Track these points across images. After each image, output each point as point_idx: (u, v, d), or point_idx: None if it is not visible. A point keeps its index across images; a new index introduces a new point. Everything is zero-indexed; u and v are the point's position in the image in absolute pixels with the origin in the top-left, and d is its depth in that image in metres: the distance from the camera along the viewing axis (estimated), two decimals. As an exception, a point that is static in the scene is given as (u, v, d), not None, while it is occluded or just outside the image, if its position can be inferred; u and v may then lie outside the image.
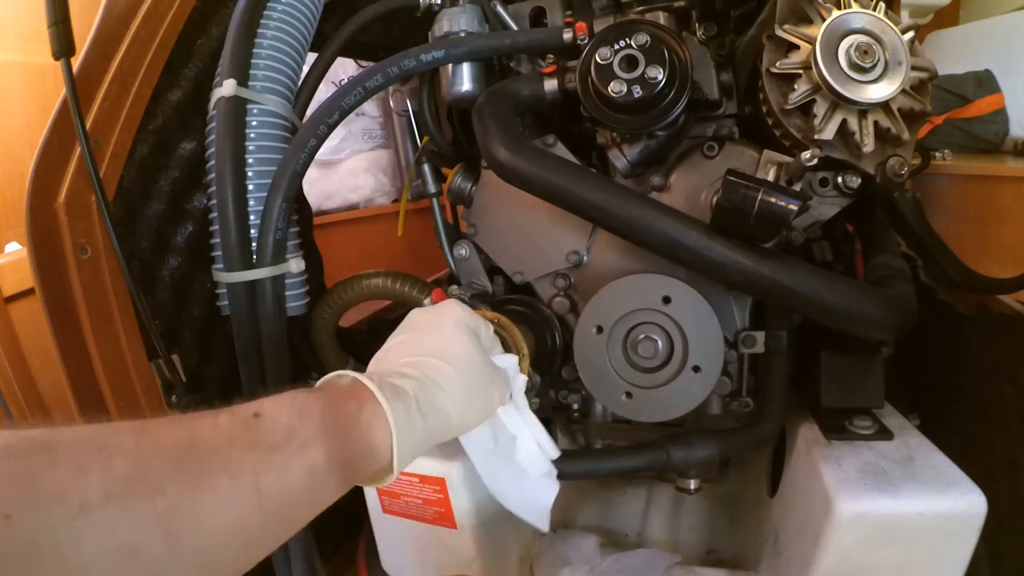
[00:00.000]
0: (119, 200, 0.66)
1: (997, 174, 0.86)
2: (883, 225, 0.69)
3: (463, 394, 0.43)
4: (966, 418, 0.73)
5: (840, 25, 0.52)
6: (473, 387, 0.45)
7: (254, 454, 0.30)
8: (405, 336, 0.47)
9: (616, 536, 0.86)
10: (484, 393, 0.47)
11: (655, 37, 0.57)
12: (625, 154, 0.64)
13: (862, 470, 0.54)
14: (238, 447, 0.30)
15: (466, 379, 0.43)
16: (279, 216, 0.66)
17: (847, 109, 0.53)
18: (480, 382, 0.46)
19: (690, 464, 0.66)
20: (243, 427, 0.31)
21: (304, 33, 0.74)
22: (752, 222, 0.50)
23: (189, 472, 0.28)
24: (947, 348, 0.78)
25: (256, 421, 0.32)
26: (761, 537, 0.71)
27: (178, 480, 0.27)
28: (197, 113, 0.72)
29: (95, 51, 0.65)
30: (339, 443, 0.34)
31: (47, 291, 0.61)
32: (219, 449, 0.29)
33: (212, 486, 0.28)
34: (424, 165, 0.85)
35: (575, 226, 0.68)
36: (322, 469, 0.33)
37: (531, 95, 0.66)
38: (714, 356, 0.60)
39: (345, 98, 0.68)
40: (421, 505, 0.69)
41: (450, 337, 0.45)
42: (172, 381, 0.68)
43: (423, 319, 0.49)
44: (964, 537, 0.51)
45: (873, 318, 0.52)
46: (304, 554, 0.72)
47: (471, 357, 0.45)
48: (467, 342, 0.46)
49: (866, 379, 0.63)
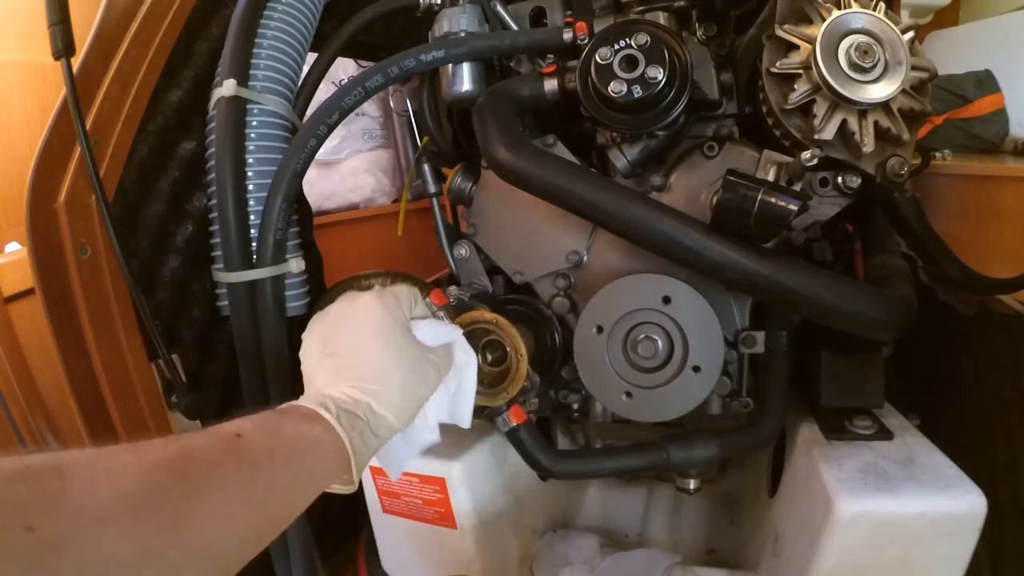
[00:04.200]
0: (119, 200, 0.66)
1: (997, 174, 0.86)
2: (883, 225, 0.69)
3: (403, 401, 0.46)
4: (966, 418, 0.73)
5: (840, 25, 0.52)
6: (410, 389, 0.47)
7: (242, 471, 0.34)
8: (332, 358, 0.47)
9: (616, 536, 0.86)
10: (420, 388, 0.49)
11: (655, 37, 0.57)
12: (625, 154, 0.64)
13: (862, 470, 0.54)
14: (228, 464, 0.34)
15: (402, 387, 0.46)
16: (279, 216, 0.66)
17: (847, 109, 0.53)
18: (415, 380, 0.48)
19: (690, 464, 0.66)
20: (228, 447, 0.35)
21: (304, 33, 0.74)
22: (752, 222, 0.50)
23: (190, 483, 0.31)
24: (947, 348, 0.78)
25: (239, 441, 0.36)
26: (761, 537, 0.71)
27: (182, 491, 0.31)
28: (197, 113, 0.72)
29: (95, 51, 0.65)
30: (310, 461, 0.39)
31: (47, 291, 0.61)
32: (212, 465, 0.33)
33: (211, 497, 0.32)
34: (424, 165, 0.85)
35: (575, 226, 0.68)
36: (302, 481, 0.39)
37: (531, 95, 0.66)
38: (714, 356, 0.60)
39: (345, 98, 0.68)
40: (421, 505, 0.69)
41: (377, 350, 0.47)
42: (172, 381, 0.68)
43: (342, 333, 0.48)
44: (964, 537, 0.51)
45: (873, 318, 0.52)
46: (304, 554, 0.71)
47: (402, 362, 0.47)
48: (393, 348, 0.47)
49: (866, 379, 0.63)
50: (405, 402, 0.46)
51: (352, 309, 0.49)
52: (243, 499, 0.34)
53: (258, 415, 0.39)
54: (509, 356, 0.61)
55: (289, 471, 0.37)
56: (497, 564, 0.70)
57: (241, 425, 0.37)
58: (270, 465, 0.36)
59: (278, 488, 0.36)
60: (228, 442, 0.35)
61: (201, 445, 0.34)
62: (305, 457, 0.39)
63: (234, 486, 0.33)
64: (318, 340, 0.49)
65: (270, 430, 0.38)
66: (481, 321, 0.60)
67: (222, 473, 0.33)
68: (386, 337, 0.47)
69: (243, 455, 0.35)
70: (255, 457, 0.35)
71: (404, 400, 0.46)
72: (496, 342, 0.62)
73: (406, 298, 0.52)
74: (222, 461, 0.34)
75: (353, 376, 0.45)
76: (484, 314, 0.59)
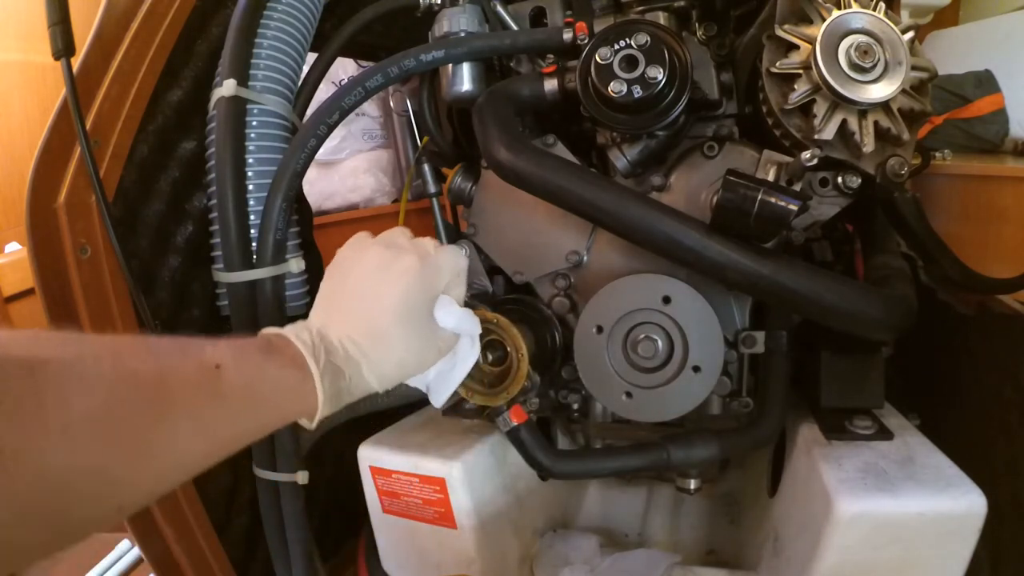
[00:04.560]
0: (119, 200, 0.66)
1: (997, 174, 0.86)
2: (883, 225, 0.69)
3: (393, 373, 0.46)
4: (966, 418, 0.73)
5: (840, 25, 0.52)
6: (405, 365, 0.47)
7: (213, 406, 0.35)
8: (351, 299, 0.46)
9: (616, 536, 0.86)
10: (414, 367, 0.48)
11: (655, 37, 0.57)
12: (625, 154, 0.64)
13: (862, 470, 0.54)
14: (200, 397, 0.34)
15: (399, 362, 0.46)
16: (279, 216, 0.66)
17: (847, 109, 0.53)
18: (414, 359, 0.47)
19: (690, 464, 0.66)
20: (205, 379, 0.35)
21: (304, 33, 0.74)
22: (752, 222, 0.50)
23: (157, 410, 0.32)
24: (947, 348, 0.78)
25: (217, 375, 0.35)
26: (761, 537, 0.71)
27: (147, 414, 0.31)
28: (197, 113, 0.72)
29: (95, 51, 0.65)
30: (283, 407, 0.40)
31: (47, 291, 0.61)
32: (184, 396, 0.33)
33: (175, 426, 0.32)
34: (424, 165, 0.85)
35: (575, 226, 0.68)
36: (267, 423, 0.39)
37: (531, 95, 0.66)
38: (714, 356, 0.60)
39: (345, 98, 0.68)
40: (421, 505, 0.69)
41: (395, 320, 0.45)
42: (172, 381, 0.68)
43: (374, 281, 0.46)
44: (964, 537, 0.51)
45: (873, 318, 0.52)
46: (304, 554, 0.72)
47: (412, 340, 0.46)
48: (411, 325, 0.46)
49: (866, 379, 0.63)
50: (394, 374, 0.46)
51: (394, 264, 0.47)
52: (205, 432, 0.34)
53: (245, 345, 0.39)
54: (510, 356, 0.62)
55: (259, 414, 0.38)
56: (497, 564, 0.70)
57: (224, 355, 0.36)
58: (241, 407, 0.37)
59: (242, 426, 0.37)
60: (206, 374, 0.35)
61: (177, 370, 0.33)
62: (279, 403, 0.40)
63: (200, 420, 0.34)
64: (353, 267, 0.48)
65: (252, 371, 0.38)
66: (482, 320, 0.60)
67: (192, 406, 0.33)
68: (408, 311, 0.46)
69: (217, 391, 0.35)
70: (229, 396, 0.36)
71: (394, 372, 0.46)
72: (497, 342, 0.62)
73: (448, 272, 0.50)
74: (195, 394, 0.34)
75: (361, 330, 0.44)
76: (485, 314, 0.59)
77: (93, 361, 0.30)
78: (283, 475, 0.69)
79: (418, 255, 0.48)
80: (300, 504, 0.71)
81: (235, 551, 0.77)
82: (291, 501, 0.70)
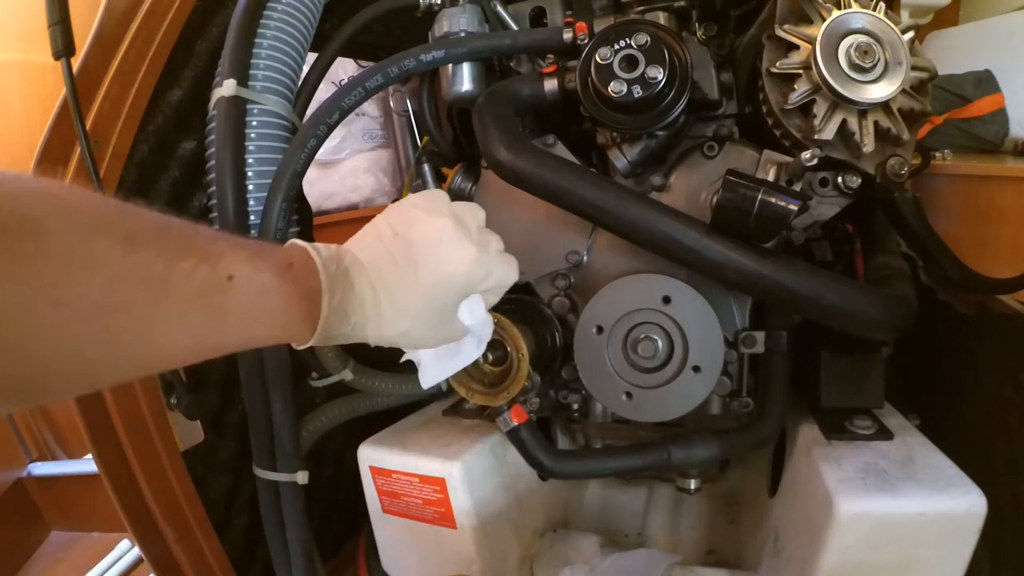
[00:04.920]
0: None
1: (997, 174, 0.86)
2: (883, 225, 0.69)
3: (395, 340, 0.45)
4: (966, 418, 0.73)
5: (840, 25, 0.52)
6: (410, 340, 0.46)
7: (210, 317, 0.33)
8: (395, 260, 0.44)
9: (616, 536, 0.86)
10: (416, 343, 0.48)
11: (655, 37, 0.57)
12: (625, 154, 0.64)
13: (862, 470, 0.54)
14: (202, 304, 0.33)
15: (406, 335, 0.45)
16: (279, 216, 0.66)
17: (847, 109, 0.53)
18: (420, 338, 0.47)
19: (691, 464, 0.66)
20: (213, 290, 0.33)
21: (304, 33, 0.74)
22: (752, 222, 0.50)
23: (152, 309, 0.30)
24: (947, 348, 0.78)
25: (226, 287, 0.34)
26: (761, 537, 0.71)
27: (141, 311, 0.30)
28: (197, 113, 0.72)
29: (95, 51, 0.65)
30: (278, 330, 0.39)
31: (47, 291, 0.61)
32: (185, 300, 0.32)
33: (167, 327, 0.31)
34: (424, 165, 0.85)
35: (575, 226, 0.68)
36: (258, 342, 0.39)
37: (531, 95, 0.66)
38: (714, 356, 0.60)
39: (345, 98, 0.68)
40: (421, 505, 0.69)
41: (426, 299, 0.44)
42: (172, 381, 0.68)
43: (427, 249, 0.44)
44: (964, 537, 0.51)
45: (873, 318, 0.52)
46: (304, 554, 0.72)
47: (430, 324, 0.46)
48: (437, 311, 0.45)
49: (866, 379, 0.63)
50: (393, 338, 0.45)
51: (454, 247, 0.45)
52: (195, 337, 0.33)
53: (264, 258, 0.37)
54: (510, 355, 0.62)
55: (251, 332, 0.37)
56: (497, 564, 0.70)
57: (239, 267, 0.35)
58: (236, 323, 0.35)
59: (231, 339, 0.36)
60: (214, 285, 0.33)
61: (186, 274, 0.32)
62: (273, 329, 0.38)
63: (193, 327, 0.33)
64: (415, 223, 0.45)
65: (260, 294, 0.36)
66: None
67: (189, 312, 0.32)
68: (442, 294, 0.45)
69: (219, 306, 0.34)
70: (229, 312, 0.34)
71: (395, 338, 0.45)
72: (497, 342, 0.62)
73: (494, 281, 0.48)
74: (195, 302, 0.32)
75: (388, 286, 0.43)
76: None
77: (105, 244, 0.28)
78: (283, 475, 0.69)
79: (478, 249, 0.46)
80: (300, 504, 0.71)
81: (235, 551, 0.77)
82: (291, 501, 0.70)
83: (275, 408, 0.68)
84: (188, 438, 0.72)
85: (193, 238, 0.34)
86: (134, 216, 0.32)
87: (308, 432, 0.77)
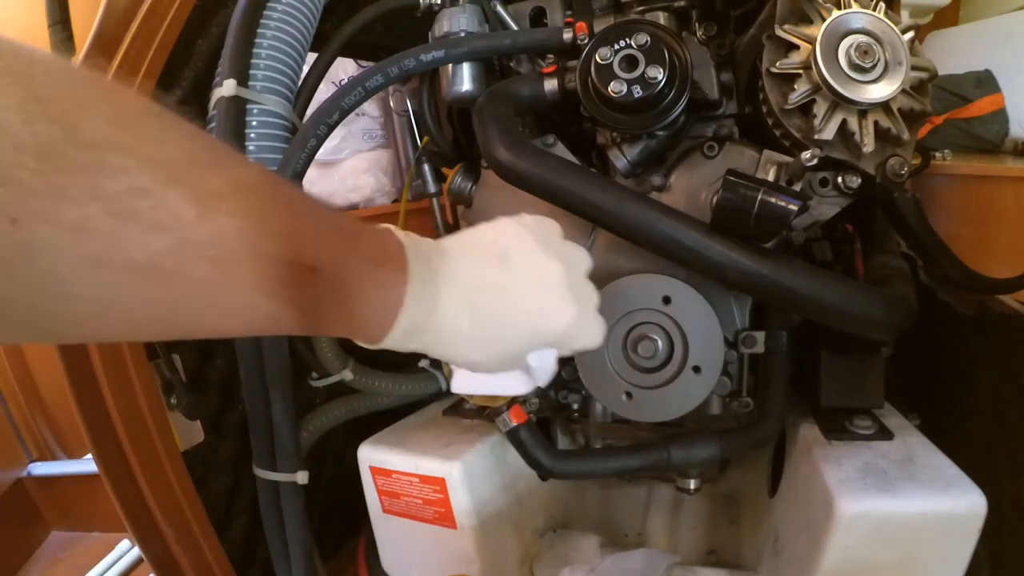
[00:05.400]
0: (119, 200, 0.66)
1: (997, 174, 0.86)
2: (883, 225, 0.69)
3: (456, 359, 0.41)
4: (966, 418, 0.73)
5: (840, 25, 0.52)
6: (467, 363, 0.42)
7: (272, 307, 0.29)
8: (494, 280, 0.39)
9: (616, 536, 0.86)
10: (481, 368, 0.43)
11: (655, 37, 0.57)
12: (625, 154, 0.64)
13: (862, 470, 0.54)
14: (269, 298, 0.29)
15: (469, 362, 0.41)
16: (279, 216, 0.65)
17: (847, 109, 0.53)
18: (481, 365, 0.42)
19: (691, 464, 0.66)
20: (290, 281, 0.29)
21: (304, 33, 0.74)
22: (752, 222, 0.50)
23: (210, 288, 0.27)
24: (947, 348, 0.78)
25: (304, 281, 0.30)
26: (761, 537, 0.71)
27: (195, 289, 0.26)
28: (197, 113, 0.72)
29: (95, 51, 0.65)
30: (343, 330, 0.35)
31: (47, 291, 0.61)
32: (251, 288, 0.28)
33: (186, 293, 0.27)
34: (424, 165, 0.85)
35: (575, 226, 0.67)
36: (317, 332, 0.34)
37: (531, 95, 0.66)
38: (714, 356, 0.60)
39: (345, 98, 0.68)
40: (421, 505, 0.69)
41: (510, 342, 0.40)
42: (172, 381, 0.68)
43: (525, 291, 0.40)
44: (964, 537, 0.51)
45: (873, 318, 0.52)
46: (304, 554, 0.72)
47: (497, 361, 0.41)
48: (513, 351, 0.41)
49: (866, 379, 0.63)
50: (453, 362, 0.42)
51: (555, 305, 0.40)
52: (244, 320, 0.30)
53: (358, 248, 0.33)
54: (509, 356, 0.61)
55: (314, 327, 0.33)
56: (497, 564, 0.70)
57: (328, 257, 0.31)
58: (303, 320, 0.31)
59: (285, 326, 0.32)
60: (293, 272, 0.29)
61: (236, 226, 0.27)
62: (338, 329, 0.35)
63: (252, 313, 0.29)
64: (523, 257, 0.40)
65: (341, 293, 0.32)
66: None
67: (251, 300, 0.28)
68: (526, 346, 0.42)
69: (291, 299, 0.30)
70: (300, 307, 0.30)
71: (455, 362, 0.42)
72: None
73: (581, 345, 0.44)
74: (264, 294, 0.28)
75: (476, 319, 0.38)
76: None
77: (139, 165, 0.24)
78: (283, 475, 0.69)
79: (578, 310, 0.41)
80: (300, 504, 0.71)
81: (235, 551, 0.77)
82: (291, 501, 0.70)
83: (275, 408, 0.68)
84: (188, 438, 0.72)
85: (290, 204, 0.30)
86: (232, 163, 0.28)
87: (308, 432, 0.77)
